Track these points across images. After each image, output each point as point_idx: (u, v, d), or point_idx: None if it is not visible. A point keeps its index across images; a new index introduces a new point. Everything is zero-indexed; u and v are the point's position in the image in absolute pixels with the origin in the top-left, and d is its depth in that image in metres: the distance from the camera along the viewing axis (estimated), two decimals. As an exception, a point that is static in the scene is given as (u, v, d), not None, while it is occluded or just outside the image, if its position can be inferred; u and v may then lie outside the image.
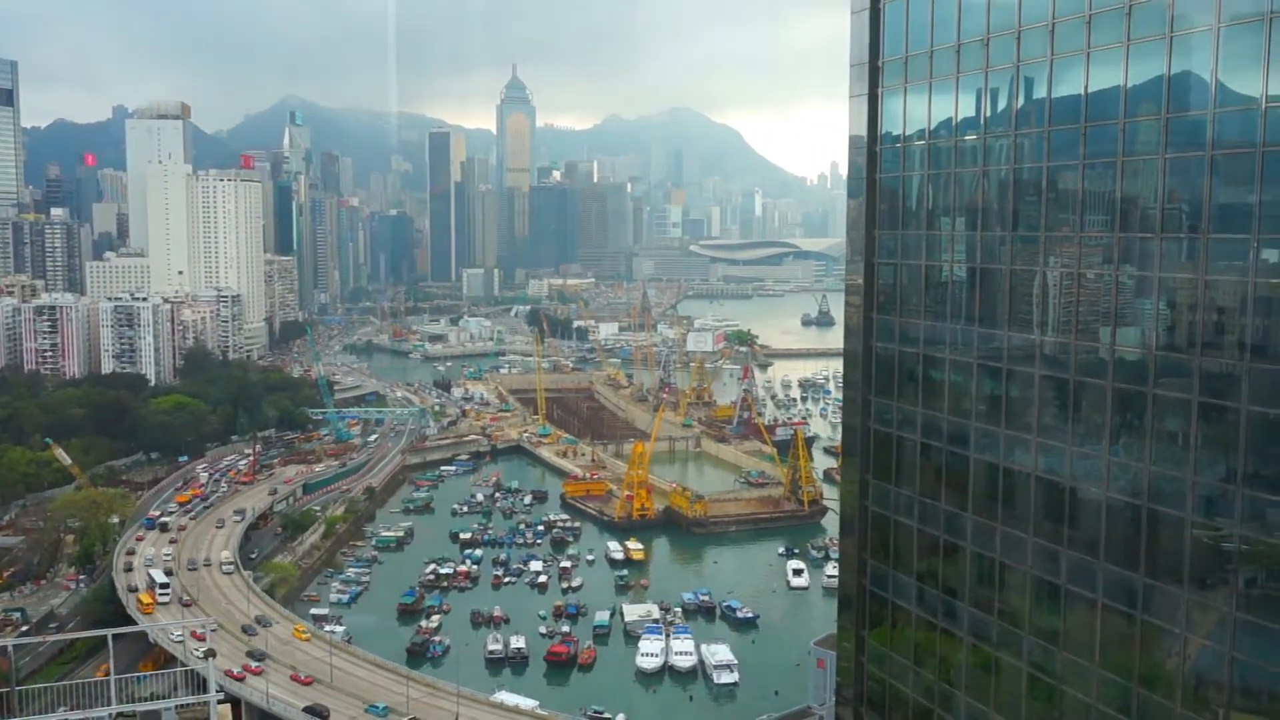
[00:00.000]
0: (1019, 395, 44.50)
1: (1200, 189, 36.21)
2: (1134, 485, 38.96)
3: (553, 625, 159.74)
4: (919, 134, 49.71)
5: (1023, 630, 44.33)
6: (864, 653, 55.21)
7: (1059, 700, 42.61)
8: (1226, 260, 35.59)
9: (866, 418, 53.65)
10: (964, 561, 47.68)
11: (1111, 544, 39.85)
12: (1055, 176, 42.46)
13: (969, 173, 46.97)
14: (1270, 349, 34.33)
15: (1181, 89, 36.69)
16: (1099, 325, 40.83)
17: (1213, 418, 36.03)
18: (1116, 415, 39.82)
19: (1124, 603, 39.42)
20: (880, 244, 52.58)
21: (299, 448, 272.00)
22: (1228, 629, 35.55)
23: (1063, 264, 42.40)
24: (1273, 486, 33.94)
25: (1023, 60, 43.19)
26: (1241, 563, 35.36)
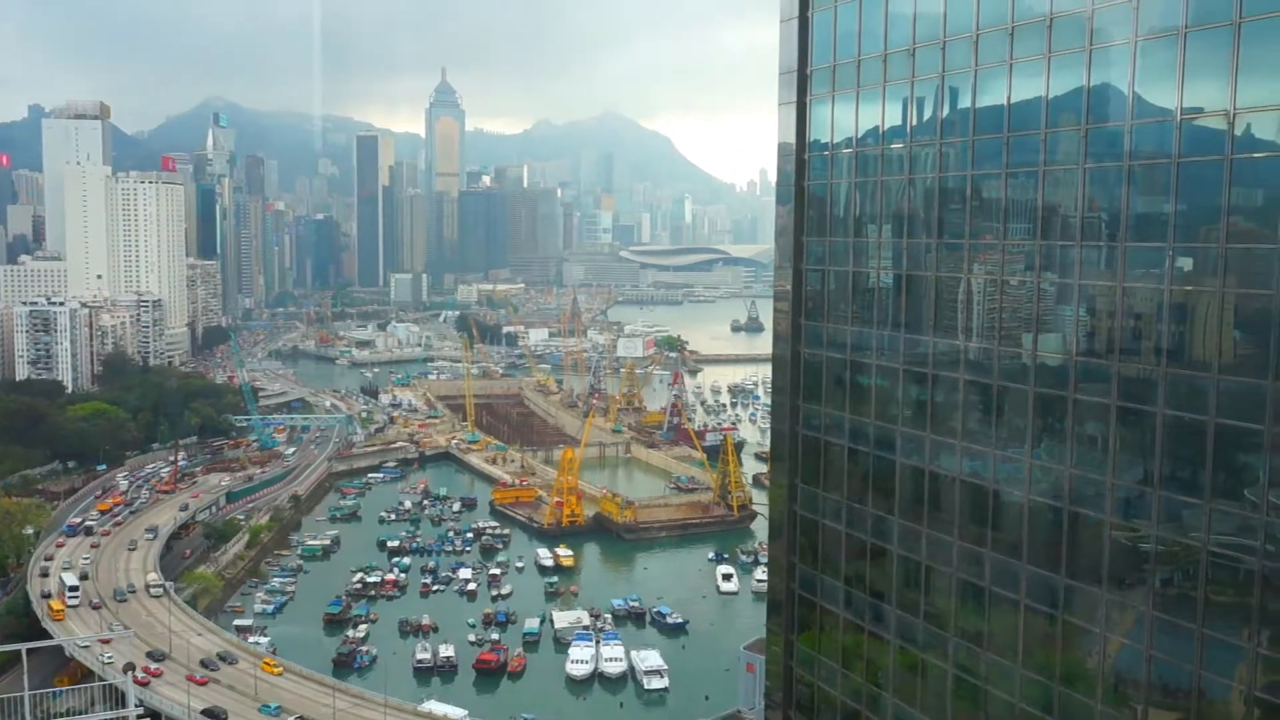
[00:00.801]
0: (944, 400, 45.16)
1: (1118, 198, 37.06)
2: (1055, 488, 39.72)
3: (482, 633, 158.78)
4: (846, 142, 50.25)
5: (948, 632, 44.94)
6: (793, 656, 55.58)
7: (983, 700, 43.25)
8: (1143, 268, 36.43)
9: (795, 423, 54.06)
10: (890, 565, 48.23)
11: (1034, 546, 40.57)
12: (979, 185, 43.18)
13: (895, 181, 47.58)
14: (1185, 354, 35.21)
15: (1101, 100, 37.53)
16: (1021, 331, 41.58)
17: (1130, 421, 36.86)
18: (1038, 419, 40.56)
19: (1046, 603, 40.15)
20: (808, 250, 53.05)
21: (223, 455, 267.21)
22: (1145, 628, 36.36)
23: (986, 271, 43.13)
24: (1188, 488, 34.80)
25: (947, 70, 43.88)
26: (1158, 563, 36.19)
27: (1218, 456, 33.83)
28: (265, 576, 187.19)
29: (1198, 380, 34.31)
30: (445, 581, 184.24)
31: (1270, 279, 32.06)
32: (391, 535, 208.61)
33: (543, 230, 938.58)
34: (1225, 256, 33.49)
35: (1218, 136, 33.47)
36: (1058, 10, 38.66)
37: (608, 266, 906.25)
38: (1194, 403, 34.41)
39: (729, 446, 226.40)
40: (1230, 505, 33.61)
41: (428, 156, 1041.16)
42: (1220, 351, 33.98)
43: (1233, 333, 33.95)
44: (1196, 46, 33.93)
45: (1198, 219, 34.67)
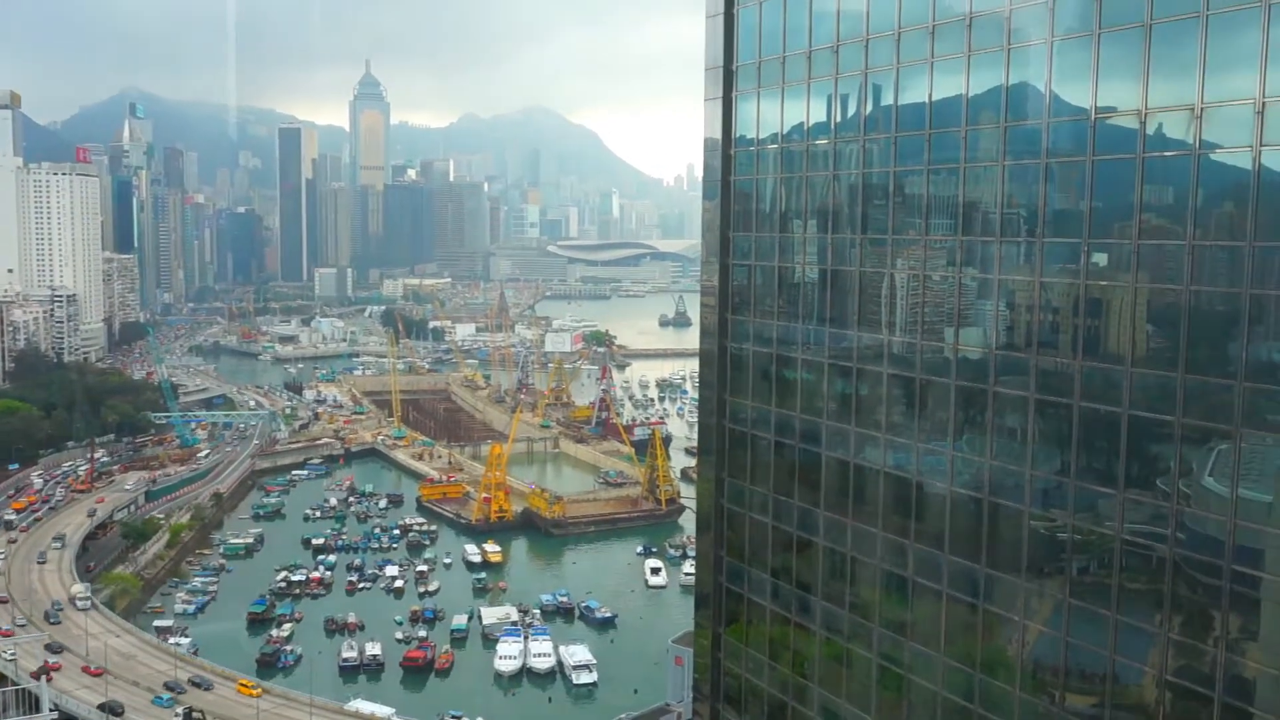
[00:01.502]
0: (868, 393, 45.75)
1: (1036, 195, 37.83)
2: (976, 479, 40.47)
3: (409, 630, 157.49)
4: (772, 138, 50.64)
5: (873, 622, 45.58)
6: (720, 649, 55.96)
7: (907, 689, 43.96)
8: (1060, 263, 37.25)
9: (722, 417, 54.40)
10: (816, 557, 48.77)
11: (955, 536, 41.30)
12: (902, 181, 43.78)
13: (820, 177, 48.06)
14: (1100, 348, 36.07)
15: (1019, 99, 38.26)
16: (943, 325, 42.26)
17: (1048, 414, 37.67)
18: (960, 412, 41.29)
19: (967, 593, 40.90)
20: (735, 246, 53.39)
21: (142, 453, 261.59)
22: (1062, 615, 37.22)
23: (909, 266, 43.76)
24: (1103, 479, 35.68)
25: (870, 68, 44.41)
26: (1074, 552, 37.06)
27: (1131, 447, 34.72)
28: (186, 576, 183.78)
29: (1112, 373, 35.16)
30: (371, 579, 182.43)
31: (1180, 274, 32.98)
32: (317, 533, 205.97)
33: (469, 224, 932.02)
34: (1138, 252, 34.36)
35: (1130, 135, 34.32)
36: (977, 10, 39.32)
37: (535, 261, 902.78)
38: (1108, 395, 35.27)
39: (657, 441, 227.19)
40: (1143, 495, 34.53)
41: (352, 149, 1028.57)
42: (1133, 345, 34.86)
43: (1145, 327, 34.86)
44: (1110, 47, 34.75)
45: (1112, 216, 35.52)
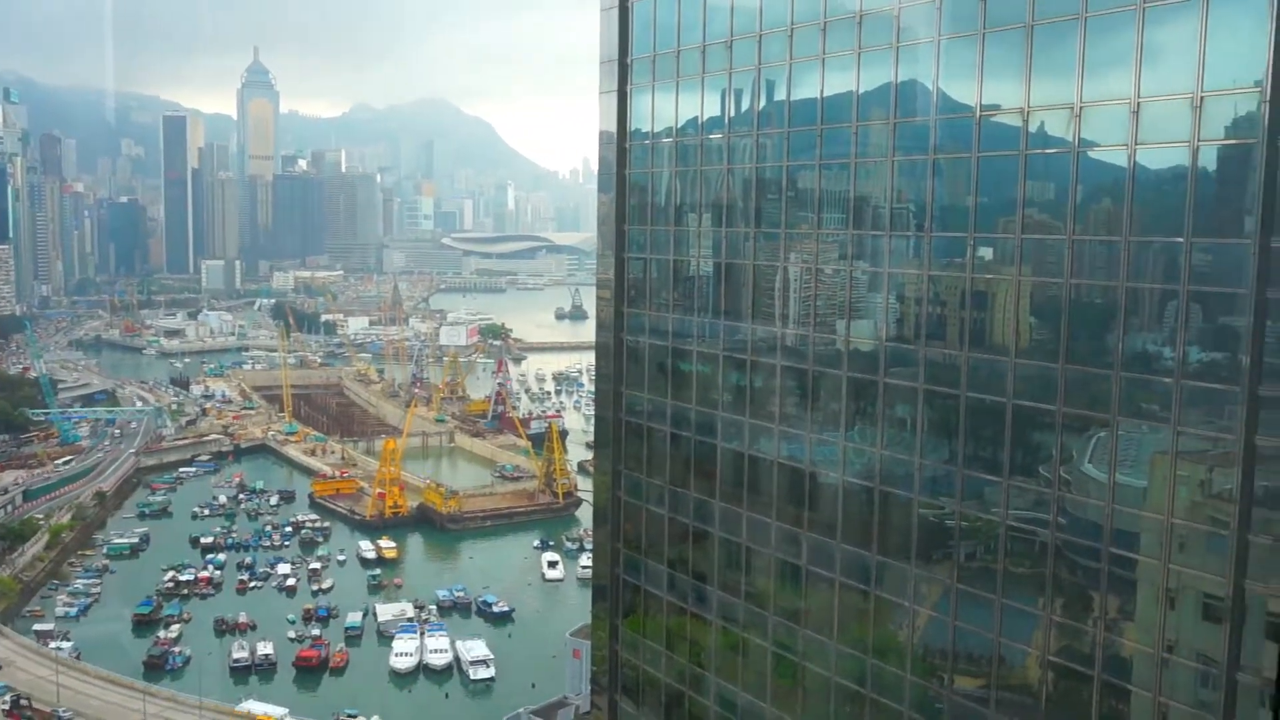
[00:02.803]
0: (762, 385, 46.32)
1: (924, 190, 38.71)
2: (867, 469, 41.28)
3: (302, 629, 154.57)
4: (667, 131, 50.87)
5: (767, 611, 46.20)
6: (618, 641, 56.16)
7: (801, 676, 44.67)
8: (947, 257, 38.17)
9: (618, 410, 54.54)
10: (712, 547, 49.24)
11: (848, 525, 42.09)
12: (795, 176, 44.39)
13: (714, 170, 48.43)
14: (986, 339, 37.07)
15: (908, 96, 39.07)
16: (835, 318, 42.99)
17: (936, 404, 38.60)
18: (851, 403, 42.06)
19: (859, 580, 41.71)
20: (630, 239, 53.53)
21: (20, 450, 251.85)
22: (950, 600, 38.21)
23: (802, 260, 44.40)
24: (988, 467, 36.70)
25: (764, 63, 44.90)
26: (962, 538, 38.07)
27: (1015, 436, 35.78)
28: (67, 578, 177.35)
29: (997, 364, 36.18)
30: (263, 577, 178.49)
31: (1061, 268, 34.06)
32: (205, 531, 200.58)
33: (362, 216, 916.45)
34: (1021, 246, 35.39)
35: (1014, 133, 35.31)
36: (867, 8, 40.03)
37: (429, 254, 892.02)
38: (993, 385, 36.29)
39: (554, 434, 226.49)
40: (1027, 482, 35.62)
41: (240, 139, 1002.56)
42: (1017, 336, 35.91)
43: (1028, 319, 35.93)
44: (994, 47, 35.70)
45: (996, 211, 36.52)
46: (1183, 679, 31.91)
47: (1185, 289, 30.93)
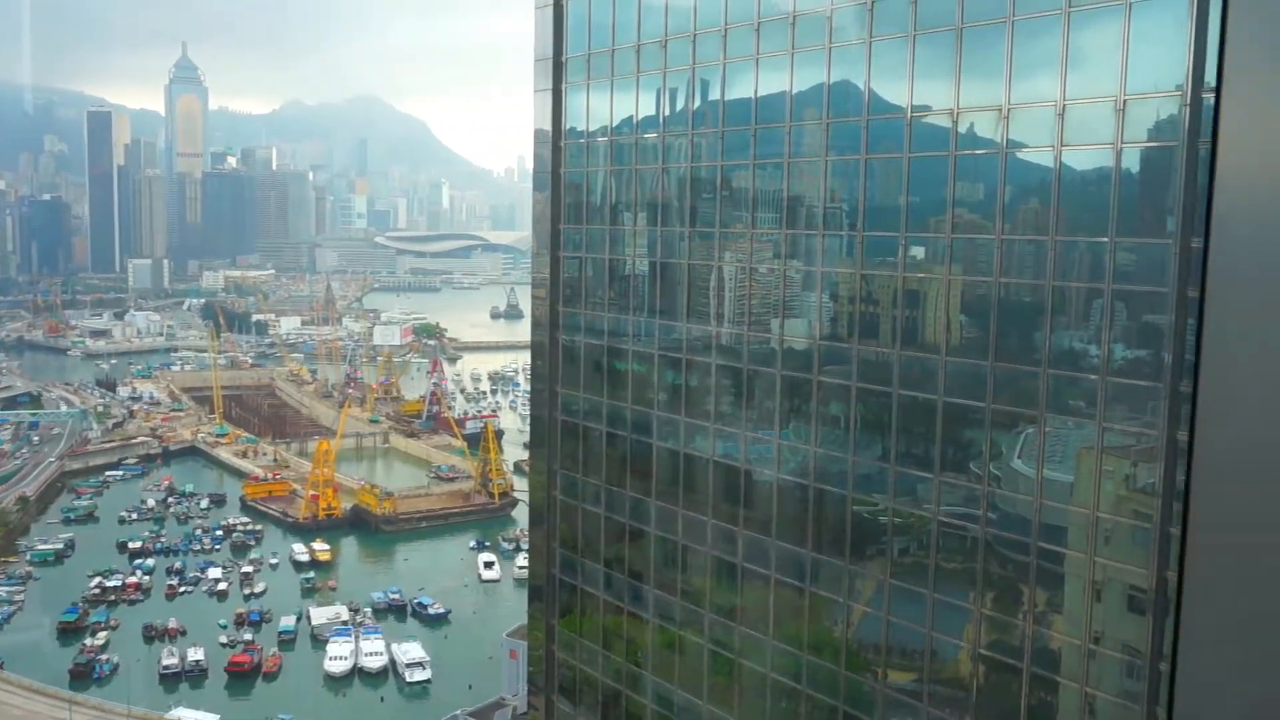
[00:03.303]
0: (698, 384, 46.48)
1: (856, 190, 39.10)
2: (802, 466, 41.61)
3: (234, 634, 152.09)
4: (602, 130, 50.84)
5: (704, 609, 46.38)
6: (554, 641, 56.02)
7: (738, 673, 44.91)
8: (879, 256, 38.59)
9: (554, 409, 54.40)
10: (648, 546, 49.31)
11: (783, 522, 42.39)
12: (729, 175, 44.60)
13: (649, 170, 48.50)
14: (917, 337, 37.56)
15: (840, 96, 39.44)
16: (770, 317, 43.26)
17: (869, 402, 39.02)
18: (785, 401, 42.36)
19: (795, 577, 42.04)
20: (566, 238, 53.42)
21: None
22: (883, 595, 38.66)
23: (737, 259, 44.62)
24: (920, 463, 37.18)
25: (698, 63, 45.05)
26: (894, 534, 38.53)
27: (946, 433, 36.28)
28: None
29: (928, 361, 36.66)
30: (193, 582, 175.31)
31: (990, 267, 34.60)
32: (133, 536, 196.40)
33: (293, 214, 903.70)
34: (951, 246, 35.89)
35: (944, 133, 35.80)
36: (800, 9, 40.33)
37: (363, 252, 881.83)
38: (925, 383, 36.76)
39: (490, 434, 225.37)
40: (957, 478, 36.14)
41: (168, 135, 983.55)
42: (947, 334, 36.41)
43: (958, 317, 36.45)
44: (925, 48, 36.17)
45: (927, 210, 37.01)
46: (1109, 669, 32.58)
47: (1109, 288, 31.57)
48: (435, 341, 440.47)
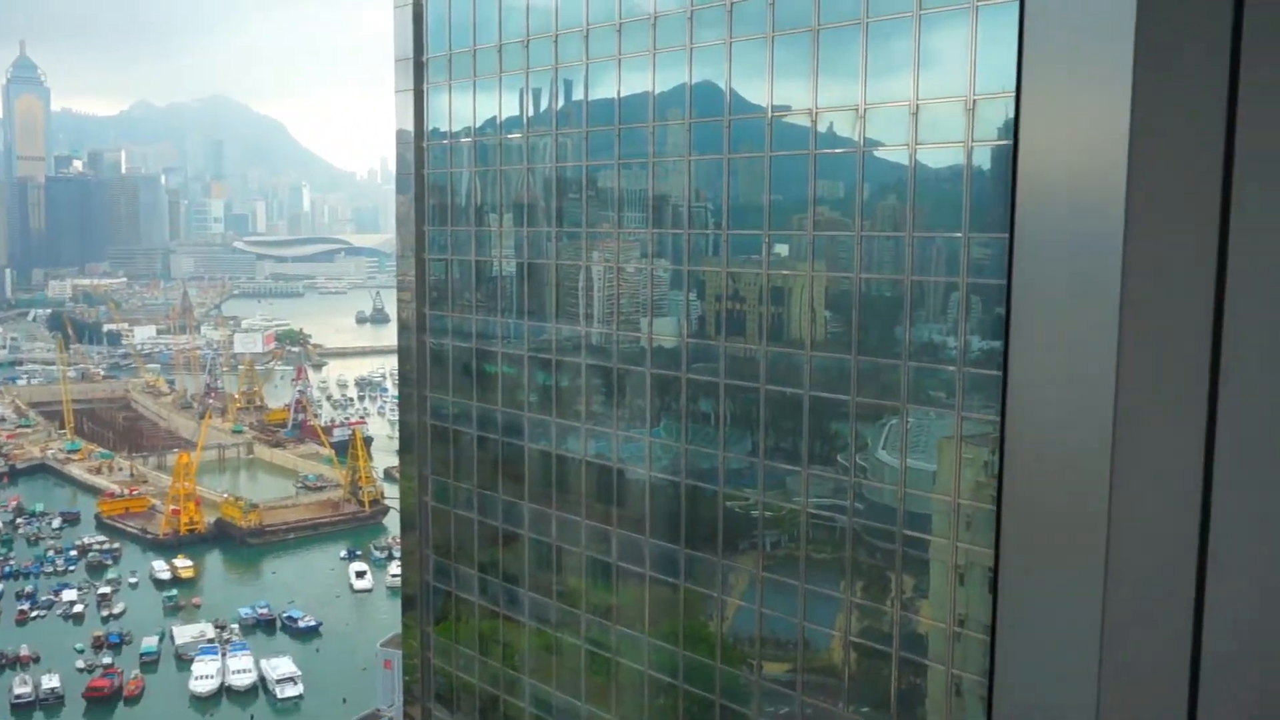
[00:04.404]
0: (568, 385, 46.41)
1: (720, 189, 39.54)
2: (674, 464, 41.89)
3: (92, 658, 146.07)
4: (466, 131, 50.33)
5: (580, 609, 46.32)
6: (430, 649, 55.26)
7: (615, 672, 44.98)
8: (744, 254, 39.11)
9: (423, 414, 53.65)
10: (523, 549, 49.02)
11: (656, 520, 42.61)
12: (594, 175, 44.63)
13: (515, 170, 48.21)
14: (783, 333, 38.18)
15: (703, 96, 39.84)
16: (638, 316, 43.44)
17: (737, 398, 39.51)
18: (656, 399, 42.60)
19: (669, 574, 42.30)
20: (431, 240, 52.72)
21: None
22: (756, 588, 39.19)
23: (604, 259, 44.68)
24: (789, 457, 37.81)
25: (561, 63, 44.96)
26: (766, 528, 39.10)
27: (813, 426, 36.96)
28: None
29: (794, 357, 37.29)
30: (46, 605, 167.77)
31: (851, 263, 35.38)
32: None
33: (145, 219, 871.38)
34: (813, 243, 36.58)
35: (804, 133, 36.47)
36: (661, 9, 40.59)
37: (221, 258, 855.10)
38: (791, 378, 37.39)
39: (358, 441, 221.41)
40: (825, 470, 36.86)
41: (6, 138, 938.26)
42: (812, 330, 37.11)
43: (822, 313, 37.18)
44: (783, 49, 36.77)
45: (790, 208, 37.66)
46: (973, 651, 33.64)
47: (965, 281, 32.60)
48: (299, 348, 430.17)
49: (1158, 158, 1.48)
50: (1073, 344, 1.57)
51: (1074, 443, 1.58)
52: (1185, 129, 1.49)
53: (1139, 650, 1.56)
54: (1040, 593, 1.66)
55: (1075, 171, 1.54)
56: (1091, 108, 1.51)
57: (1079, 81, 1.54)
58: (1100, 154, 1.49)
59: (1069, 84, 1.55)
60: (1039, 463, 1.65)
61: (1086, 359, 1.53)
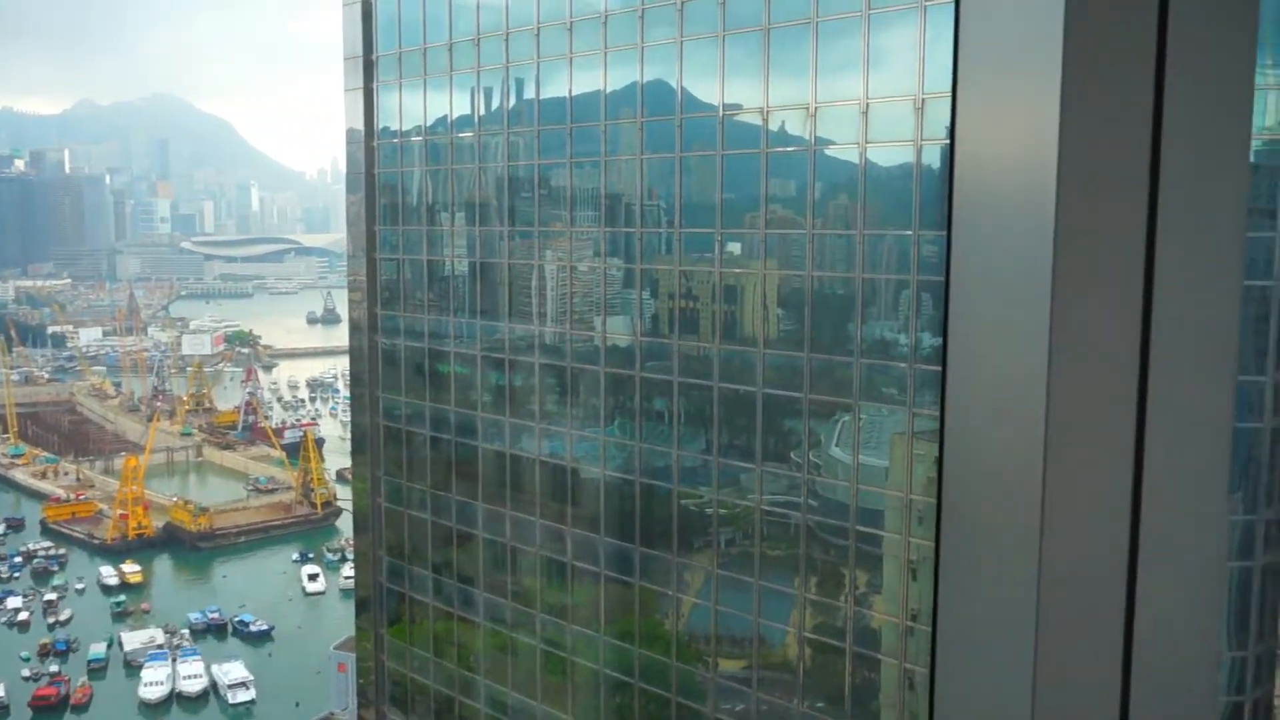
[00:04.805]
0: (522, 384, 46.26)
1: (673, 187, 39.60)
2: (628, 463, 41.90)
3: (39, 666, 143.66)
4: (416, 130, 50.01)
5: (535, 609, 46.21)
6: (384, 651, 54.88)
7: (571, 671, 44.92)
8: (697, 252, 39.20)
9: (376, 415, 53.26)
10: (477, 549, 48.82)
11: (611, 519, 42.60)
12: (546, 174, 44.53)
13: (466, 169, 47.98)
14: (736, 332, 38.32)
15: (654, 95, 39.87)
16: (592, 315, 43.41)
17: (691, 396, 39.59)
18: (610, 398, 42.59)
19: (624, 572, 42.31)
20: (382, 239, 52.34)
21: None
22: (711, 586, 39.31)
23: (557, 258, 44.60)
24: (743, 454, 37.95)
25: (512, 62, 44.80)
26: (720, 525, 39.22)
27: (766, 424, 37.13)
28: None
29: (747, 354, 37.44)
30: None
31: (803, 261, 35.58)
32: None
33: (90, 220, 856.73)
34: (765, 241, 36.75)
35: (755, 131, 36.61)
36: (612, 8, 40.58)
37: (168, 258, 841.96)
38: (744, 375, 37.54)
39: (309, 443, 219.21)
40: (779, 467, 37.04)
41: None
42: (765, 328, 37.27)
43: (775, 311, 37.35)
44: (734, 48, 36.89)
45: (742, 207, 37.79)
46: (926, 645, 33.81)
47: (915, 279, 32.90)
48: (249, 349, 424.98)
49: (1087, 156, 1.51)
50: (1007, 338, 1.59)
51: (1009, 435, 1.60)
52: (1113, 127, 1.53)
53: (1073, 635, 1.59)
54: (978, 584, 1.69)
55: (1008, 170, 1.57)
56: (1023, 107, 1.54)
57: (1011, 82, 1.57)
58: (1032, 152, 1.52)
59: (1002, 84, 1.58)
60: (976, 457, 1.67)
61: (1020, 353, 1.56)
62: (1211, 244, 1.58)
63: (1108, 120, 1.51)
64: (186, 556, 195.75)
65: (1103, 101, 1.50)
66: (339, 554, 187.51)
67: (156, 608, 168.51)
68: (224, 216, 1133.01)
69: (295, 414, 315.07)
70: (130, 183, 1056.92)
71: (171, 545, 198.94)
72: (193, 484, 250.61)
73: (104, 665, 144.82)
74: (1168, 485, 1.59)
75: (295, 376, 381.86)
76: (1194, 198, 1.55)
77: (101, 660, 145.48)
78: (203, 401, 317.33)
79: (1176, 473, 1.60)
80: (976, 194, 1.62)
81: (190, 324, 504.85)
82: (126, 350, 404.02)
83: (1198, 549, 1.62)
